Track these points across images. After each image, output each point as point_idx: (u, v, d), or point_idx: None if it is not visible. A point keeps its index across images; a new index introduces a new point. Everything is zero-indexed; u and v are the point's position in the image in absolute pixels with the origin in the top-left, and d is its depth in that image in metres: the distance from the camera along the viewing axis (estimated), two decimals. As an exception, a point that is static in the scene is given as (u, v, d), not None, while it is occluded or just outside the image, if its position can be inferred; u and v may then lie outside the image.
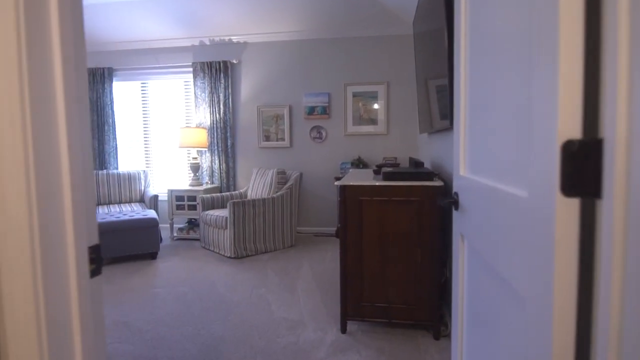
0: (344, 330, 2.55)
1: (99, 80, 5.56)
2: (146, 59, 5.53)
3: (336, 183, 2.49)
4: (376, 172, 2.80)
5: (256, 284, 3.46)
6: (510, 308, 0.89)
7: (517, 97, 0.84)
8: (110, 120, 5.59)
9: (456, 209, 1.37)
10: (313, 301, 3.07)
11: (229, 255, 4.22)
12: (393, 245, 2.42)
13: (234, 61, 5.27)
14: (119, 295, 3.24)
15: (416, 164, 2.75)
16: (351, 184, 2.43)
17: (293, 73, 5.20)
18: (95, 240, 0.84)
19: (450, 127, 2.43)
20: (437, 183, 2.34)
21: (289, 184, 4.60)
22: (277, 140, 5.29)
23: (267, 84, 5.27)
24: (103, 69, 5.53)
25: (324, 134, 5.19)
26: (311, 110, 5.18)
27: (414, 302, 2.42)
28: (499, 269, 0.94)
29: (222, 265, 4.01)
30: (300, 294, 3.22)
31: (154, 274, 3.75)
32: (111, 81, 5.56)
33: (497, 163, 0.98)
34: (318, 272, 3.75)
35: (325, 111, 5.15)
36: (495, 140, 1.00)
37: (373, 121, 5.06)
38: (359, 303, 2.49)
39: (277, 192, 4.56)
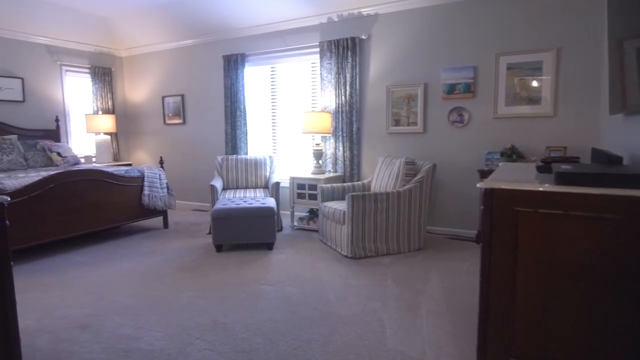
0: (480, 388, 1.83)
1: (232, 67, 5.62)
2: (275, 42, 5.36)
3: (480, 185, 1.75)
4: (542, 170, 1.96)
5: (371, 294, 2.91)
6: None
7: None
8: (242, 106, 5.62)
9: None
10: (441, 331, 2.38)
11: (345, 253, 3.76)
12: (566, 282, 1.60)
13: (363, 37, 4.71)
14: (228, 288, 3.04)
15: (609, 159, 1.82)
16: (502, 187, 1.68)
17: (430, 45, 4.41)
18: None
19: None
20: (655, 191, 1.43)
21: (419, 176, 3.90)
22: (408, 125, 4.60)
23: (399, 60, 4.59)
24: (237, 55, 5.55)
25: (466, 116, 4.30)
26: (451, 89, 4.33)
27: (598, 373, 1.57)
28: None
29: (337, 265, 3.56)
30: (424, 317, 2.56)
31: (266, 268, 3.51)
32: (243, 66, 5.56)
33: None
34: (450, 288, 3.02)
35: (469, 89, 4.25)
36: None
37: (533, 100, 3.98)
38: (506, 356, 1.74)
39: (404, 185, 3.91)
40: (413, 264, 3.55)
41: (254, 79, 5.73)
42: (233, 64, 5.61)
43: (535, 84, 3.96)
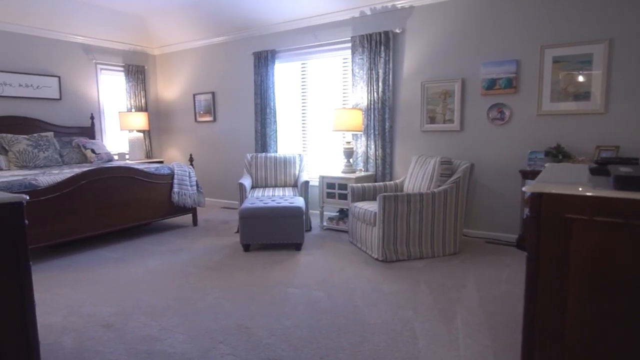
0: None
1: (263, 64, 5.56)
2: (305, 37, 5.26)
3: (526, 189, 1.57)
4: (596, 172, 1.74)
5: (403, 301, 2.75)
6: None
7: None
8: (272, 104, 5.55)
9: None
10: (478, 345, 2.20)
11: (376, 256, 3.60)
12: (627, 301, 1.40)
13: (397, 30, 4.52)
14: (254, 290, 2.96)
15: (681, 159, 1.59)
16: (552, 191, 1.49)
17: (469, 38, 4.17)
18: None
19: None
20: None
21: (455, 176, 3.69)
22: (443, 123, 4.38)
23: (435, 54, 4.37)
24: (267, 51, 5.48)
25: (507, 113, 4.04)
26: (491, 84, 4.08)
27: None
28: None
29: (367, 268, 3.42)
30: (460, 328, 2.39)
31: (293, 269, 3.41)
32: (274, 63, 5.49)
33: None
34: (489, 298, 2.82)
35: (510, 84, 3.99)
36: None
37: (581, 96, 3.68)
38: (555, 381, 1.55)
39: (439, 185, 3.71)
40: (448, 270, 3.36)
41: (284, 75, 5.65)
42: (263, 60, 5.54)
43: (583, 78, 3.67)
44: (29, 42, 5.29)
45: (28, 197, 1.57)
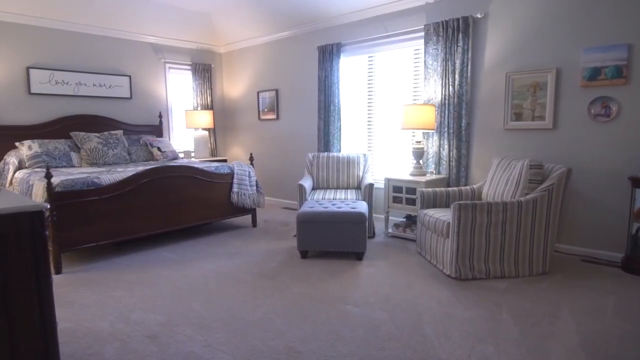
0: None
1: (327, 58, 5.27)
2: (373, 28, 4.87)
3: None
4: None
5: (481, 333, 2.30)
6: None
7: None
8: (336, 100, 5.25)
9: None
10: (585, 406, 1.71)
11: (448, 272, 3.15)
12: None
13: (478, 15, 3.99)
14: (308, 306, 2.68)
15: None
16: None
17: (566, 20, 3.54)
18: None
19: None
20: None
21: (548, 182, 3.12)
22: (532, 120, 3.78)
23: (524, 41, 3.78)
24: (332, 45, 5.19)
25: (613, 108, 3.36)
26: (594, 74, 3.42)
27: None
28: None
29: (438, 286, 2.98)
30: (558, 378, 1.90)
31: (353, 283, 3.07)
32: (339, 57, 5.18)
33: None
34: (591, 334, 2.27)
35: (619, 73, 3.30)
36: None
37: None
38: None
39: (527, 193, 3.16)
40: (536, 294, 2.82)
41: (350, 70, 5.32)
42: (328, 54, 5.25)
43: None
44: (103, 43, 5.48)
45: (49, 206, 1.39)
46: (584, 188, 3.58)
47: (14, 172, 4.26)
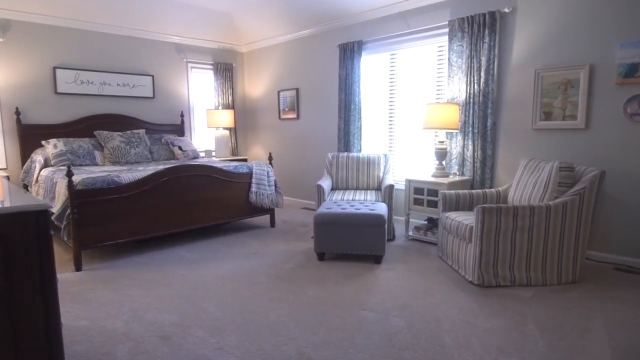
0: None
1: (348, 56, 5.18)
2: (395, 25, 4.76)
3: None
4: None
5: (504, 344, 2.18)
6: None
7: None
8: (357, 99, 5.16)
9: None
10: None
11: (470, 279, 3.02)
12: None
13: (506, 10, 3.82)
14: (323, 310, 2.60)
15: None
16: None
17: (600, 13, 3.34)
18: None
19: None
20: None
21: (579, 186, 2.95)
22: (562, 119, 3.59)
23: (554, 37, 3.59)
24: (353, 43, 5.10)
25: (653, 108, 3.15)
26: (632, 70, 3.21)
27: None
28: None
29: (459, 293, 2.85)
30: (588, 397, 1.76)
31: (370, 287, 2.98)
32: (360, 55, 5.08)
33: None
34: (624, 348, 2.11)
35: (660, 69, 3.09)
36: None
37: None
38: None
39: (556, 197, 2.99)
40: (565, 304, 2.66)
41: (371, 68, 5.21)
42: (349, 53, 5.16)
43: None
44: (127, 43, 5.56)
45: (53, 205, 1.37)
46: (618, 192, 3.37)
47: (40, 170, 4.37)
